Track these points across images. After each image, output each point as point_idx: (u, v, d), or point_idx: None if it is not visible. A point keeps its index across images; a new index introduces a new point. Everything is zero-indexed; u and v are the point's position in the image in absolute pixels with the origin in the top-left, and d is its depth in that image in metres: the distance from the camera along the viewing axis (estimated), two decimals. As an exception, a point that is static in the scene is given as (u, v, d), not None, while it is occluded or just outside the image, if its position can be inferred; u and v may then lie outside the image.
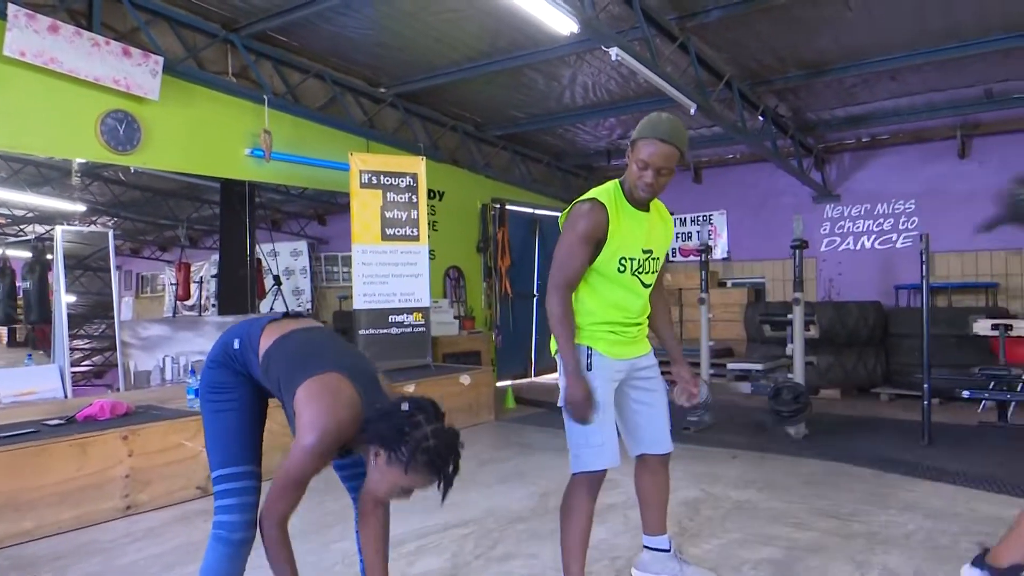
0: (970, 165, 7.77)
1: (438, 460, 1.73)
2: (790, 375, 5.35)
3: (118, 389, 5.18)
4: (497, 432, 5.74)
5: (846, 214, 8.56)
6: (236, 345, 2.00)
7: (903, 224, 8.19)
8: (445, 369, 6.05)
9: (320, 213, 12.72)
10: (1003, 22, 5.13)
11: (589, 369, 2.35)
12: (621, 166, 9.19)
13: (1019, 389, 5.43)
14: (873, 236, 8.39)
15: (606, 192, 2.36)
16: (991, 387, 5.49)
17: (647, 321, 2.57)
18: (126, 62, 4.95)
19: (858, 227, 8.48)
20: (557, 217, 8.71)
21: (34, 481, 3.28)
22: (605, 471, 2.36)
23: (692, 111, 5.59)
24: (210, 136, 5.68)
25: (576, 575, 2.35)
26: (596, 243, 2.31)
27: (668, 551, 2.66)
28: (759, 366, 5.83)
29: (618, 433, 2.46)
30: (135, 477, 3.65)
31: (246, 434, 2.00)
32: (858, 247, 8.49)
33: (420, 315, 5.94)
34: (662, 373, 2.60)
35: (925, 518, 3.41)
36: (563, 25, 4.24)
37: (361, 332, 5.74)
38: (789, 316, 5.48)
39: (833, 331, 7.34)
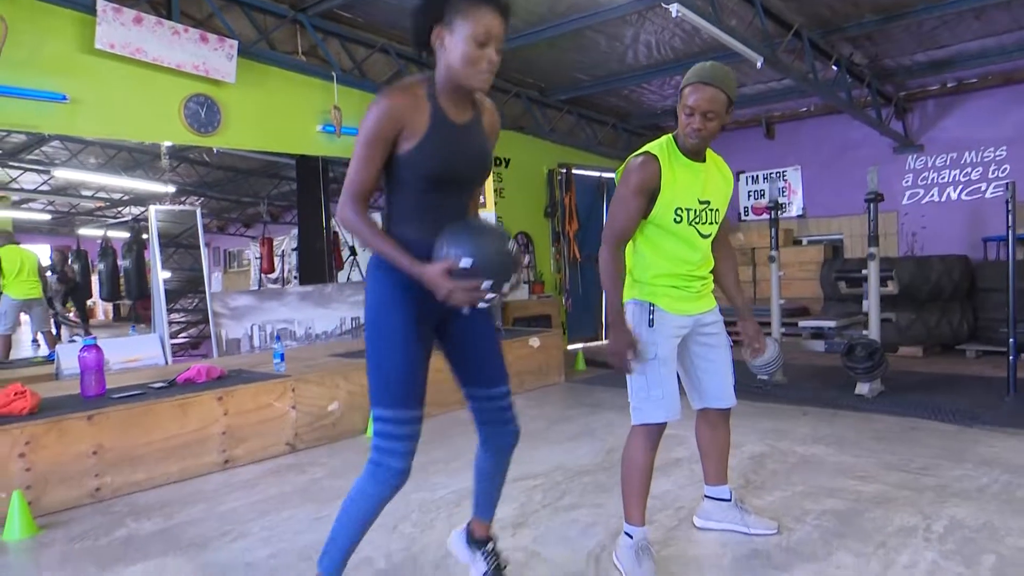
0: (1067, 106, 7.27)
1: None
2: (865, 332, 5.24)
3: (212, 354, 5.58)
4: (566, 393, 5.87)
5: (930, 164, 8.16)
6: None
7: (993, 173, 7.76)
8: (515, 333, 6.21)
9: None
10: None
11: (651, 325, 2.39)
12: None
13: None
14: (960, 187, 7.99)
15: (659, 145, 2.38)
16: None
17: (711, 276, 2.57)
18: (204, 48, 5.23)
19: (943, 178, 8.09)
20: None
21: (143, 438, 3.62)
22: (664, 424, 2.40)
23: (759, 64, 5.46)
24: (283, 114, 5.93)
25: (637, 520, 2.43)
26: (649, 195, 2.34)
27: (729, 500, 2.73)
28: (832, 323, 5.72)
29: (680, 387, 2.52)
30: (231, 434, 3.97)
31: (417, 372, 1.91)
32: (943, 199, 8.10)
33: (489, 281, 6.09)
34: (729, 331, 2.64)
35: (1003, 472, 3.34)
36: (620, -15, 4.21)
37: (433, 298, 5.95)
38: (864, 272, 5.34)
39: (915, 287, 7.10)
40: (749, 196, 9.55)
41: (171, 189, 10.09)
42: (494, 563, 2.23)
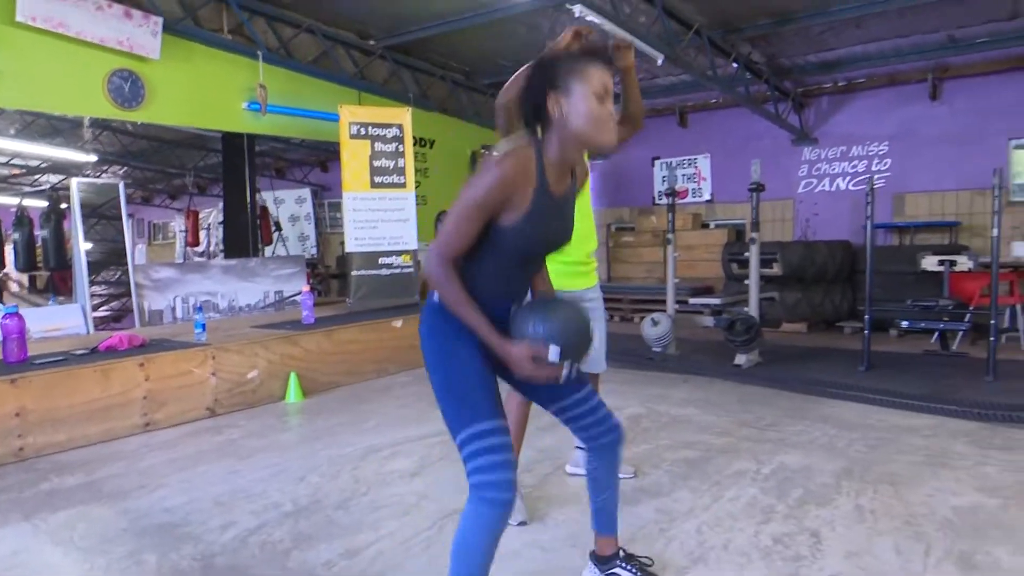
0: (940, 108, 8.02)
1: (587, 47, 1.84)
2: (746, 309, 5.81)
3: (135, 326, 5.74)
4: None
5: (823, 156, 8.85)
6: (436, 298, 1.83)
7: (876, 165, 8.50)
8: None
9: (323, 160, 13.11)
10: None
11: None
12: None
13: (964, 319, 5.84)
14: (848, 177, 8.71)
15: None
16: (922, 318, 5.88)
17: (593, 261, 2.97)
18: (128, 23, 5.34)
19: (834, 169, 8.79)
20: None
21: (65, 401, 3.84)
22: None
23: (660, 61, 5.91)
24: (209, 91, 6.08)
25: None
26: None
27: None
28: (717, 300, 6.29)
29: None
30: (152, 398, 4.22)
31: (488, 386, 1.79)
32: (834, 188, 8.81)
33: (408, 257, 6.43)
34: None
35: (833, 427, 3.92)
36: (524, -13, 4.56)
37: (354, 273, 6.25)
38: (745, 255, 5.91)
39: (803, 268, 7.78)
40: (663, 181, 10.10)
41: (93, 158, 9.95)
42: (637, 565, 2.18)
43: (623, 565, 2.16)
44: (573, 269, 2.88)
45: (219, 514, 2.88)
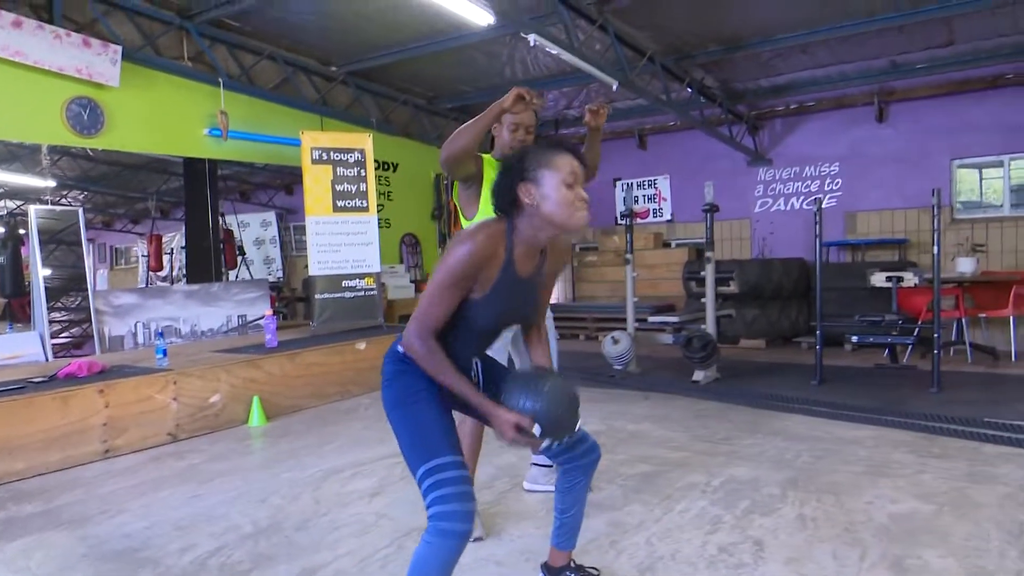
0: (887, 130, 8.36)
1: (553, 140, 1.94)
2: (703, 326, 5.98)
3: (95, 353, 5.70)
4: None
5: (777, 177, 9.15)
6: (400, 348, 1.93)
7: (828, 185, 8.81)
8: (396, 329, 6.62)
9: (287, 183, 13.09)
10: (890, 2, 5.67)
11: None
12: (568, 135, 9.74)
13: (912, 334, 6.07)
14: (801, 197, 9.00)
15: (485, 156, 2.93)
16: (871, 333, 6.10)
17: None
18: (87, 52, 5.37)
19: (788, 189, 9.09)
20: None
21: (23, 429, 3.82)
22: None
23: (615, 87, 6.11)
24: (170, 118, 6.12)
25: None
26: (478, 177, 2.86)
27: (551, 466, 3.27)
28: (675, 319, 6.45)
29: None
30: (112, 425, 4.20)
31: (444, 424, 1.87)
32: (788, 207, 9.10)
33: (371, 280, 6.49)
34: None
35: (783, 440, 4.07)
36: (480, 17, 4.72)
37: (317, 296, 6.28)
38: (701, 273, 6.09)
39: (760, 286, 8.00)
40: (623, 202, 10.30)
41: (51, 183, 9.84)
42: (581, 573, 2.27)
43: (571, 573, 2.25)
44: None
45: (179, 538, 2.90)
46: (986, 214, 8.02)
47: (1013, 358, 6.77)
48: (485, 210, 2.75)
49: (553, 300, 11.21)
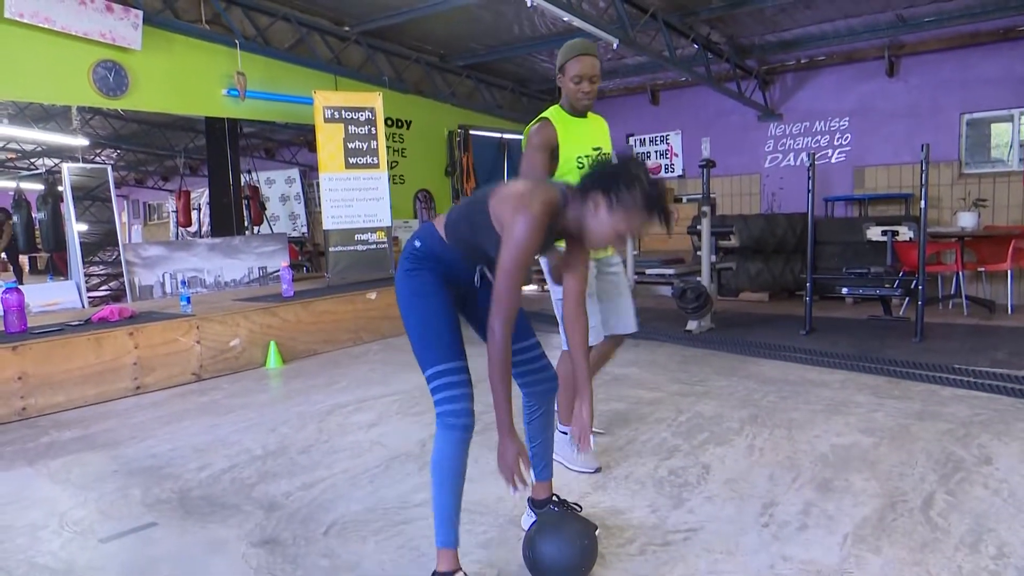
0: (897, 84, 8.34)
1: (659, 199, 1.90)
2: (698, 278, 6.21)
3: (127, 301, 6.15)
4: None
5: (788, 132, 9.19)
6: (418, 244, 2.08)
7: (837, 140, 8.84)
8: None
9: (310, 140, 13.37)
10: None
11: None
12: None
13: (894, 286, 6.23)
14: (812, 151, 9.04)
15: (550, 112, 2.90)
16: (859, 285, 6.26)
17: None
18: (110, 17, 5.68)
19: (798, 144, 9.13)
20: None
21: (62, 366, 4.26)
22: (592, 345, 2.83)
23: (615, 45, 6.24)
24: (190, 79, 6.43)
25: (567, 421, 2.98)
26: (550, 150, 2.83)
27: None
28: (671, 271, 6.68)
29: None
30: (141, 364, 4.63)
31: (454, 332, 2.04)
32: (798, 163, 9.15)
33: (383, 233, 6.82)
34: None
35: (755, 382, 4.34)
36: (477, -20, 4.89)
37: (331, 249, 6.64)
38: (698, 227, 6.29)
39: (763, 240, 8.18)
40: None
41: (84, 142, 10.28)
42: (568, 509, 2.41)
43: (555, 509, 2.37)
44: None
45: (197, 458, 3.31)
46: (994, 168, 8.02)
47: (1009, 311, 6.90)
48: (564, 165, 2.84)
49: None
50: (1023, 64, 7.48)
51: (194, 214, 12.27)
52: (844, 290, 6.21)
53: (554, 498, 2.41)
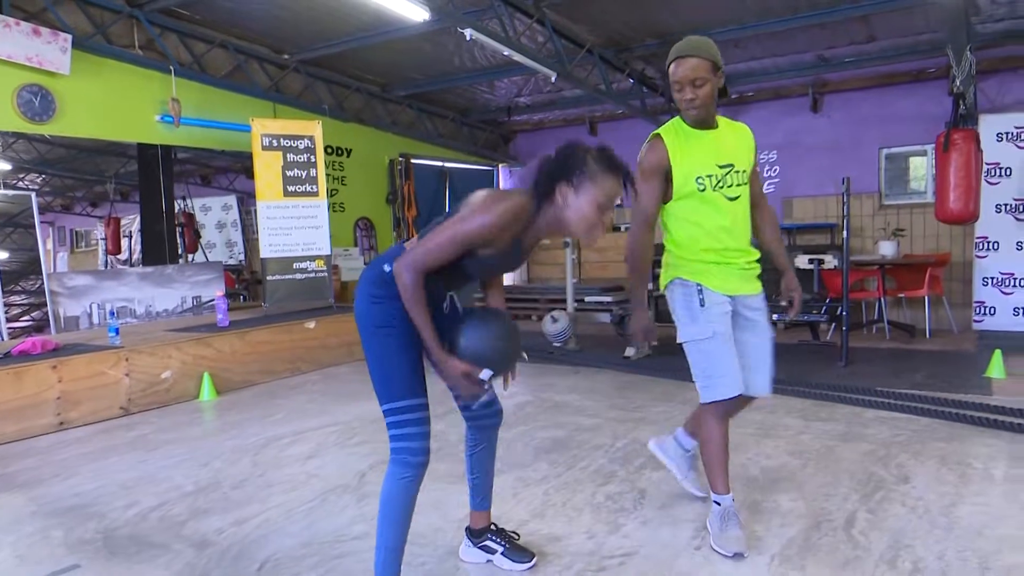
0: (821, 119, 8.79)
1: (614, 160, 1.90)
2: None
3: (51, 332, 5.90)
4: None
5: (720, 164, 9.53)
6: (387, 268, 1.96)
7: (767, 172, 9.22)
8: (347, 308, 6.89)
9: (248, 167, 13.16)
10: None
11: (702, 305, 2.44)
12: (521, 121, 10.11)
13: (821, 312, 6.50)
14: (743, 183, 9.40)
15: (666, 127, 2.50)
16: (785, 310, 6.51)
17: (755, 255, 2.55)
18: (37, 40, 5.52)
19: (730, 175, 9.48)
20: (468, 169, 9.73)
21: (-22, 402, 4.06)
22: (733, 398, 2.47)
23: (553, 79, 6.40)
24: (121, 105, 6.28)
25: (721, 489, 2.49)
26: (663, 173, 2.44)
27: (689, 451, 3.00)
28: (609, 298, 6.81)
29: None
30: (65, 399, 4.45)
31: (416, 367, 1.99)
32: (730, 193, 9.50)
33: (322, 262, 6.75)
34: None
35: (690, 408, 4.40)
36: (414, 13, 4.97)
37: (269, 278, 6.53)
38: (635, 256, 6.44)
39: (699, 268, 8.41)
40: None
41: (7, 167, 9.89)
42: (505, 538, 2.38)
43: (493, 538, 2.38)
44: (733, 261, 2.49)
45: (124, 496, 3.19)
46: (911, 200, 8.50)
47: (927, 335, 7.26)
48: (681, 188, 2.44)
49: (507, 282, 11.53)
50: (934, 103, 7.98)
51: (124, 242, 11.88)
52: (775, 316, 6.42)
53: (492, 527, 2.40)
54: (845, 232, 5.70)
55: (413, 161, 9.32)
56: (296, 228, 6.59)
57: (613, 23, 6.57)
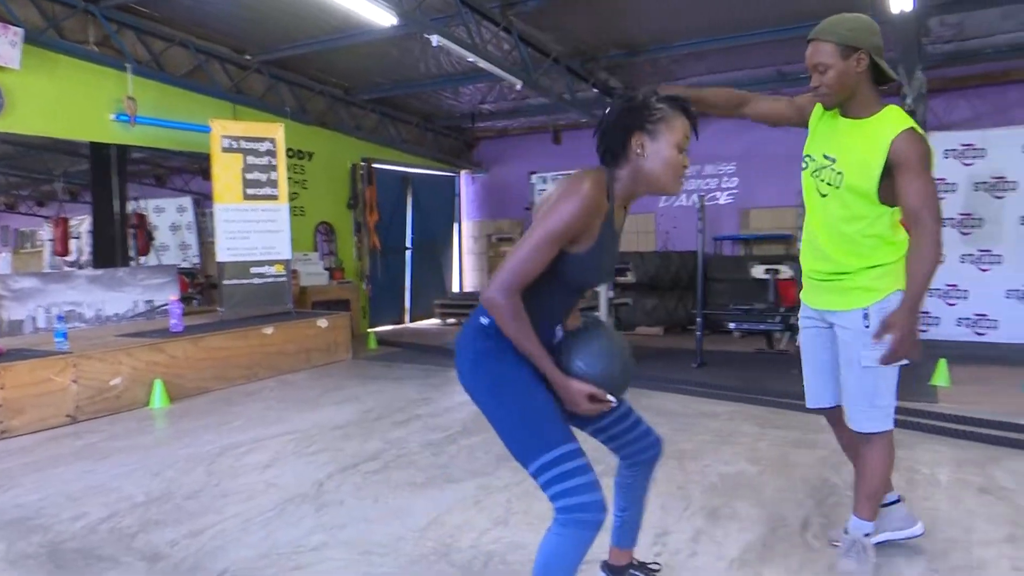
0: (778, 132, 8.91)
1: (679, 98, 1.77)
2: (596, 314, 6.39)
3: (-7, 336, 5.68)
4: (350, 368, 6.57)
5: (680, 174, 9.67)
6: (484, 320, 1.76)
7: (725, 183, 9.41)
8: (305, 314, 6.80)
9: (204, 168, 12.90)
10: (776, 15, 6.15)
11: None
12: (485, 128, 10.13)
13: (776, 321, 6.62)
14: (703, 194, 9.56)
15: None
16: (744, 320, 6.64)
17: (849, 275, 2.28)
18: (-15, 34, 5.33)
19: (690, 186, 9.63)
20: (430, 175, 9.68)
21: (-85, 409, 3.88)
22: (819, 409, 2.56)
23: (519, 87, 6.43)
24: (75, 102, 6.09)
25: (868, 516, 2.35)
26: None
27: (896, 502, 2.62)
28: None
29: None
30: (8, 406, 4.28)
31: (556, 408, 1.74)
32: (690, 204, 9.65)
33: (281, 266, 6.64)
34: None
35: (651, 415, 4.43)
36: (382, 18, 4.95)
37: (226, 282, 6.39)
38: (597, 264, 6.49)
39: (659, 277, 8.52)
40: (539, 195, 10.68)
41: (-50, 164, 9.51)
42: (647, 572, 2.22)
43: (635, 575, 2.19)
44: (816, 267, 2.43)
45: (71, 507, 3.08)
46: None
47: (878, 345, 7.46)
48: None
49: (468, 288, 11.49)
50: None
51: (73, 243, 11.52)
52: (732, 325, 6.54)
53: (634, 561, 2.22)
54: (799, 243, 5.82)
55: (375, 166, 9.24)
56: (255, 232, 6.47)
57: (579, 33, 6.63)
